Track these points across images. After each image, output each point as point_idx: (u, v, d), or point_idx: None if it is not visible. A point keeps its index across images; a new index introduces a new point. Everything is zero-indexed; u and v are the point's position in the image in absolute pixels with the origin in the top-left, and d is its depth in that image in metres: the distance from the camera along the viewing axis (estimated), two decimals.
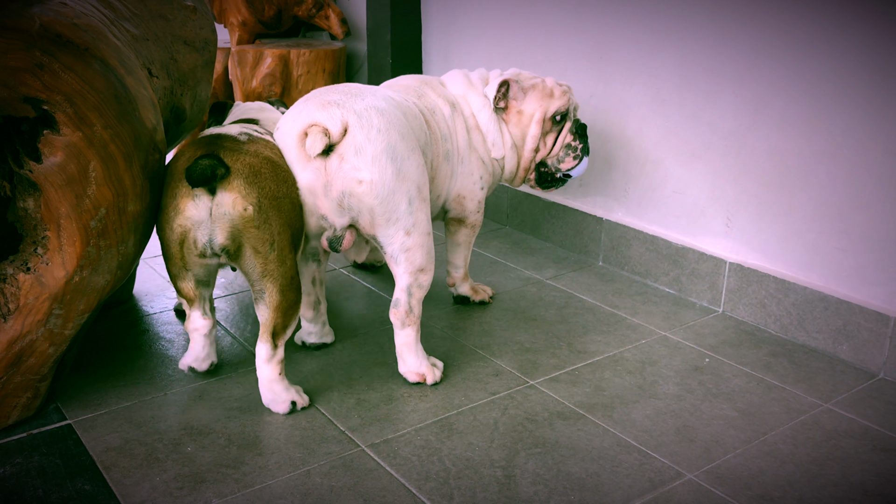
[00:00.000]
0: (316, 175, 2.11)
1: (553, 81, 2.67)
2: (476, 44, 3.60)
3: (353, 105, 2.13)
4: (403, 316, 2.24)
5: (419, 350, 2.28)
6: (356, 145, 2.08)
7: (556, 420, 2.11)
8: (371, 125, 2.11)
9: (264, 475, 1.88)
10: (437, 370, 2.30)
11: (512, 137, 2.65)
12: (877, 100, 2.26)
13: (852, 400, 2.22)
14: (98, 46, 1.94)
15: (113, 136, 1.91)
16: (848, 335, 2.40)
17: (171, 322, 2.66)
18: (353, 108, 2.12)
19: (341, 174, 2.09)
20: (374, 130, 2.10)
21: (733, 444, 2.01)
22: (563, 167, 2.69)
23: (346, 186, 2.10)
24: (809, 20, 2.38)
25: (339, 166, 2.09)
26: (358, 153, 2.08)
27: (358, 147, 2.08)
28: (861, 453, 1.98)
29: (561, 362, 2.41)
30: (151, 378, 2.31)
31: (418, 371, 2.27)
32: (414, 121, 2.31)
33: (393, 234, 2.16)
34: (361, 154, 2.08)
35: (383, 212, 2.13)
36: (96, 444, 2.00)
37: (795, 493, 1.83)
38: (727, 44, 2.60)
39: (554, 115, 2.63)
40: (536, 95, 2.63)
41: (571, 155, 2.68)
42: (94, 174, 1.89)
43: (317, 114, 2.11)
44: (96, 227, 1.93)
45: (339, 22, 4.20)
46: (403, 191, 2.14)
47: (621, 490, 1.84)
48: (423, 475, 1.89)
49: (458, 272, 2.78)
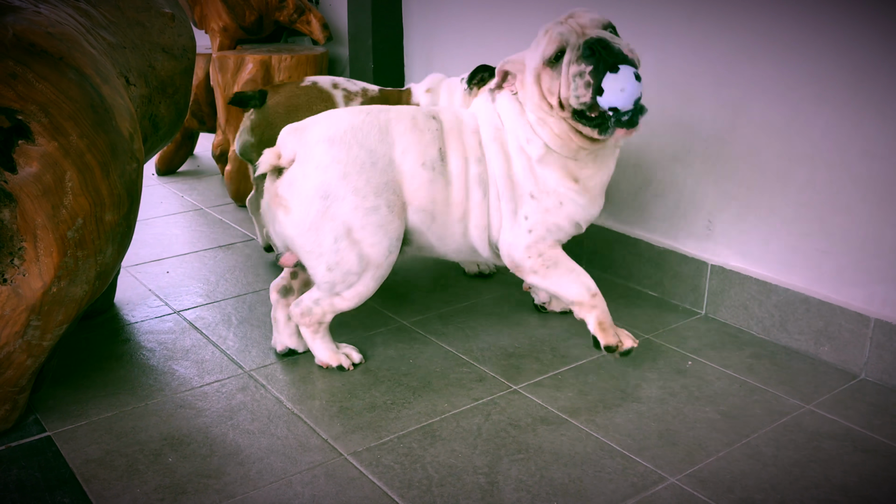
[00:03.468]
0: (265, 191, 2.27)
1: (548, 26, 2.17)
2: (458, 48, 3.60)
3: (309, 135, 2.21)
4: (298, 316, 2.34)
5: (323, 344, 2.38)
6: (291, 178, 2.19)
7: (540, 425, 2.11)
8: (311, 160, 2.17)
9: (246, 485, 1.87)
10: (345, 357, 2.38)
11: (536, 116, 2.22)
12: (854, 102, 2.27)
13: (834, 401, 2.23)
14: (73, 55, 1.92)
15: (89, 145, 1.89)
16: (829, 336, 2.41)
17: (152, 331, 2.64)
18: (307, 138, 2.20)
19: (275, 200, 2.22)
20: (311, 166, 2.17)
21: (716, 447, 2.02)
22: (582, 100, 2.06)
23: (274, 212, 2.24)
24: (787, 23, 2.39)
25: (275, 192, 2.22)
26: (290, 185, 2.19)
27: (292, 180, 2.19)
28: (843, 454, 1.99)
29: (544, 367, 2.40)
30: (132, 388, 2.29)
31: (326, 361, 2.38)
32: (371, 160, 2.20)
33: (315, 266, 2.24)
34: (293, 187, 2.18)
35: (303, 244, 2.21)
36: (76, 456, 1.99)
37: (778, 495, 1.84)
38: (706, 47, 2.61)
39: (544, 62, 2.12)
40: (527, 55, 2.20)
41: (581, 83, 2.05)
42: (70, 184, 1.88)
43: (285, 134, 2.24)
44: (73, 238, 1.92)
45: (320, 27, 4.19)
46: (328, 229, 2.18)
47: (604, 495, 1.84)
48: (406, 483, 1.88)
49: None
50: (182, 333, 2.62)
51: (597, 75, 2.01)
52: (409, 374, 2.36)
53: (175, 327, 2.66)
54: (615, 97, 2.01)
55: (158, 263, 3.22)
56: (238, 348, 2.52)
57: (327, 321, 2.35)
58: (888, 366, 2.29)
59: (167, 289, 2.98)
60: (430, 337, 2.60)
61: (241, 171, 3.89)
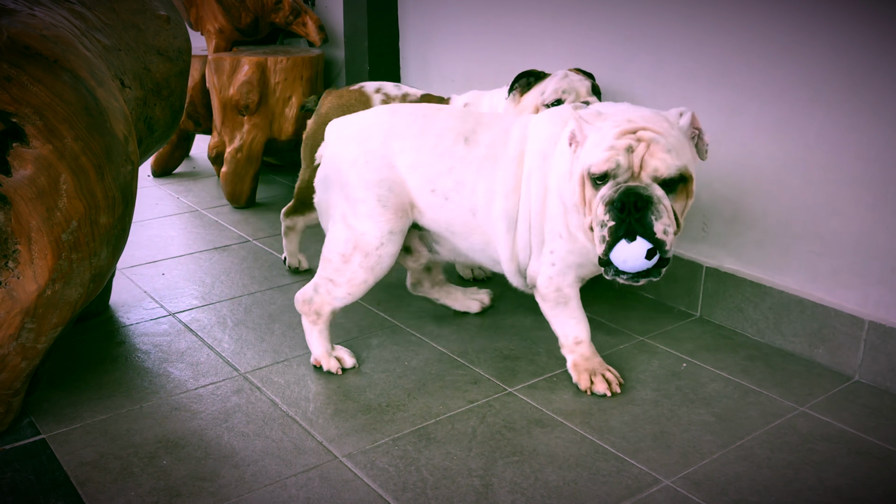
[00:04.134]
0: None
1: (618, 121, 1.99)
2: (453, 50, 3.60)
3: (328, 134, 2.40)
4: (300, 304, 2.40)
5: (320, 339, 2.42)
6: (318, 172, 2.44)
7: (534, 427, 2.11)
8: (323, 156, 2.41)
9: (240, 488, 1.87)
10: (336, 363, 2.41)
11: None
12: (848, 105, 2.28)
13: (828, 403, 2.23)
14: (68, 58, 1.92)
15: (84, 147, 1.89)
16: (824, 338, 2.42)
17: (147, 333, 2.64)
18: (326, 137, 2.41)
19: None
20: (323, 161, 2.40)
21: (710, 449, 2.02)
22: (598, 250, 2.00)
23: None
24: (782, 27, 2.39)
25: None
26: (316, 177, 2.45)
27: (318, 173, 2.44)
28: (837, 457, 1.99)
29: (539, 369, 2.41)
30: (127, 391, 2.29)
31: (317, 358, 2.42)
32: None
33: (323, 249, 2.38)
34: (317, 178, 2.44)
35: (324, 227, 2.42)
36: (71, 459, 1.98)
37: (772, 497, 1.84)
38: (701, 50, 2.62)
39: (591, 175, 1.99)
40: (592, 134, 2.02)
41: (599, 232, 1.97)
42: (65, 187, 1.88)
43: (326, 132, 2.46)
44: (68, 240, 1.92)
45: (316, 29, 4.19)
46: (327, 214, 2.38)
47: (599, 497, 1.84)
48: (401, 485, 1.88)
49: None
50: (177, 336, 2.62)
51: (613, 235, 1.94)
52: (403, 377, 2.37)
53: (170, 329, 2.66)
54: (619, 262, 1.96)
55: (154, 265, 3.22)
56: (233, 350, 2.52)
57: (325, 314, 2.37)
58: (882, 368, 2.30)
59: (162, 291, 2.97)
60: (426, 339, 2.60)
61: (236, 173, 3.89)
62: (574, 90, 2.67)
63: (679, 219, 1.99)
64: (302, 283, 2.87)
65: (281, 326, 2.68)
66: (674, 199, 1.97)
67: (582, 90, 2.68)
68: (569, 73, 2.71)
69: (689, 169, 1.98)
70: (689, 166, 1.98)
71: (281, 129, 3.96)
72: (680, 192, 1.98)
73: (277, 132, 3.96)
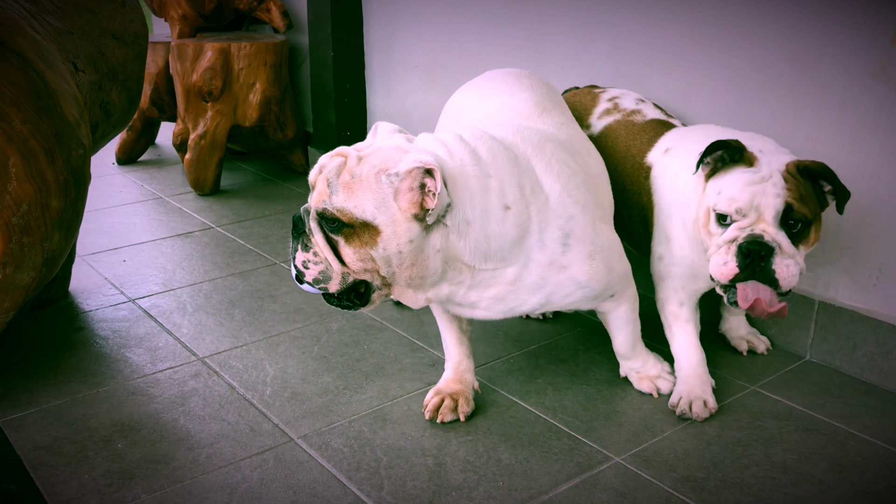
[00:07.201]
0: None
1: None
2: (417, 36, 3.61)
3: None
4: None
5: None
6: None
7: (490, 408, 2.13)
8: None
9: (194, 469, 1.88)
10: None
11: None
12: (798, 89, 2.31)
13: (779, 382, 2.27)
14: (15, 40, 1.91)
15: (33, 130, 1.88)
16: (775, 318, 2.45)
17: (106, 319, 2.63)
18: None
19: None
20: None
21: (661, 427, 2.05)
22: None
23: None
24: (734, 11, 2.42)
25: None
26: None
27: None
28: (784, 433, 2.03)
29: (497, 351, 2.43)
30: (84, 376, 2.29)
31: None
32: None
33: None
34: None
35: None
36: (24, 444, 1.98)
37: (719, 473, 1.88)
38: (656, 34, 2.64)
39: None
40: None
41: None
42: (14, 170, 1.87)
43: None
44: (18, 224, 1.91)
45: (280, 15, 4.17)
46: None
47: (550, 475, 1.87)
48: (355, 465, 1.90)
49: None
50: (136, 321, 2.61)
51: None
52: (362, 360, 2.38)
53: (130, 315, 2.66)
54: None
55: (115, 252, 3.20)
56: (192, 336, 2.52)
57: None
58: (832, 347, 2.34)
59: (123, 277, 2.96)
60: (386, 323, 2.61)
61: (200, 160, 3.88)
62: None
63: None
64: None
65: (241, 312, 2.68)
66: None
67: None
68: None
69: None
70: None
71: (245, 116, 3.94)
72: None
73: (241, 118, 3.95)
